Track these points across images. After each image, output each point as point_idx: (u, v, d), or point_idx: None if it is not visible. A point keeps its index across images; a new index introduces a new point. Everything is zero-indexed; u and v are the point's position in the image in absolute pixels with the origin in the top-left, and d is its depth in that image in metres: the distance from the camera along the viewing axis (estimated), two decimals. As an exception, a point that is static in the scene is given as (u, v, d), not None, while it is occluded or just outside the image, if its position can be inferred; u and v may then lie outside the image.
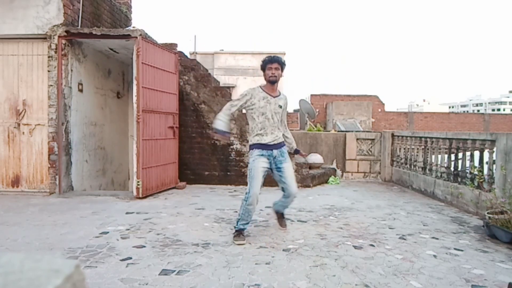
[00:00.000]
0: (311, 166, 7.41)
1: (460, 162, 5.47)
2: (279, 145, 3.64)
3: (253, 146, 3.60)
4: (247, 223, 3.61)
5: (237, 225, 3.59)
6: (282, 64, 3.65)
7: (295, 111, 24.90)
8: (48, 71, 5.61)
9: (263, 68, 3.67)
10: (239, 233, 3.55)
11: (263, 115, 3.57)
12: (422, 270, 2.88)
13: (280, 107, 3.67)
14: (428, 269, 2.90)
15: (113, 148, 7.21)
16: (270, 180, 6.80)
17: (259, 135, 3.58)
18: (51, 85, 5.58)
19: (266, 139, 3.57)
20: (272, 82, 3.64)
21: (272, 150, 3.58)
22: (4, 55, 5.78)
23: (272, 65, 3.60)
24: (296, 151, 3.93)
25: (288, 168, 3.67)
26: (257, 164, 3.51)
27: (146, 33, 6.00)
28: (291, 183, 3.67)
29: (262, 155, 3.55)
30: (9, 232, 3.71)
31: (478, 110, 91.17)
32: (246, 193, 3.52)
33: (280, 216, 4.03)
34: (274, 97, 3.65)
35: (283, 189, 3.75)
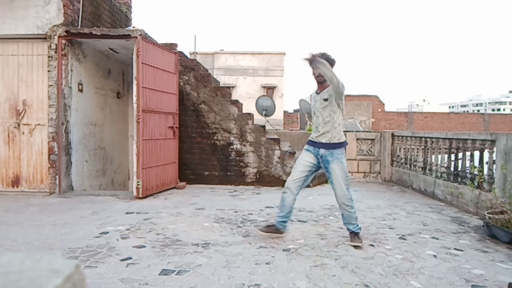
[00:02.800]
0: (311, 166, 7.41)
1: (460, 162, 5.47)
2: (328, 145, 3.48)
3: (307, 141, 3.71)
4: (282, 215, 3.63)
5: (277, 221, 3.68)
6: (329, 62, 3.41)
7: (295, 111, 24.92)
8: (48, 71, 5.61)
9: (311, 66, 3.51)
10: (270, 226, 3.72)
11: (314, 114, 3.63)
12: (422, 270, 2.88)
13: (326, 100, 3.48)
14: (428, 269, 2.90)
15: (113, 148, 7.21)
16: (270, 180, 6.84)
17: (313, 132, 3.66)
18: (51, 85, 5.58)
19: (313, 136, 3.62)
20: (318, 82, 3.57)
21: (319, 148, 3.54)
22: (4, 55, 5.77)
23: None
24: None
25: (334, 170, 3.46)
26: (301, 156, 3.67)
27: (146, 33, 6.00)
28: (335, 186, 3.49)
29: (308, 150, 3.65)
30: (9, 232, 3.71)
31: (478, 110, 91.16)
32: None
33: (352, 236, 3.54)
34: (318, 93, 3.60)
35: None
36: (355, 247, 3.40)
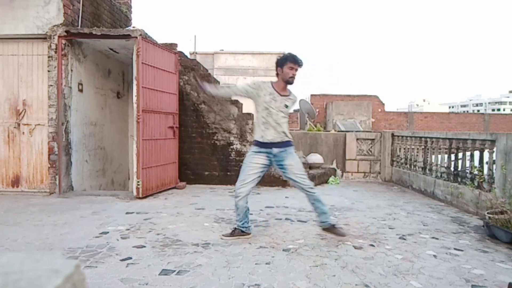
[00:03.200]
0: (311, 166, 7.42)
1: (460, 162, 5.47)
2: (281, 144, 3.52)
3: (254, 142, 3.60)
4: (240, 219, 3.58)
5: (241, 226, 3.61)
6: (301, 67, 3.55)
7: (295, 111, 24.90)
8: (48, 71, 5.61)
9: (282, 64, 3.49)
10: (233, 231, 3.63)
11: (267, 110, 3.49)
12: (422, 270, 2.88)
13: (286, 106, 3.54)
14: (428, 269, 2.90)
15: (113, 148, 7.21)
16: (270, 180, 6.83)
17: (261, 131, 3.52)
18: (51, 85, 5.58)
19: (267, 136, 3.50)
20: (290, 83, 3.54)
21: (271, 148, 3.51)
22: (4, 55, 5.77)
23: (295, 65, 3.49)
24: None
25: (291, 165, 3.51)
26: (249, 160, 3.55)
27: (146, 33, 6.00)
28: (296, 178, 3.52)
29: (259, 151, 3.54)
30: (9, 232, 3.71)
31: (478, 110, 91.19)
32: (235, 190, 3.60)
33: (331, 228, 3.61)
34: (281, 95, 3.54)
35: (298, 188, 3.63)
36: (338, 234, 3.54)
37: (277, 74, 3.55)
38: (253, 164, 3.53)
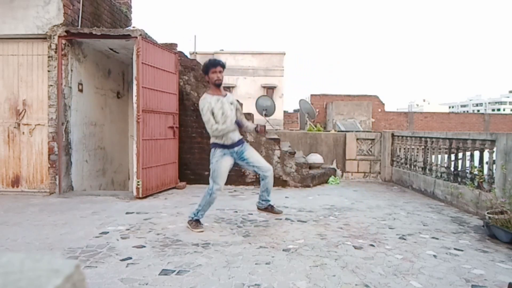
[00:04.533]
0: (311, 166, 7.41)
1: (460, 162, 5.47)
2: (240, 142, 3.87)
3: (216, 146, 3.81)
4: (205, 212, 3.95)
5: (196, 215, 3.86)
6: (224, 67, 3.80)
7: (295, 111, 24.88)
8: (48, 71, 5.61)
9: (207, 72, 3.78)
10: (198, 222, 3.87)
11: (223, 115, 3.73)
12: (422, 270, 2.88)
13: (232, 104, 3.86)
14: (428, 269, 2.90)
15: (113, 148, 7.21)
16: (270, 180, 6.82)
17: (223, 136, 3.77)
18: (51, 85, 5.58)
19: (230, 139, 3.77)
20: (218, 85, 3.81)
21: (233, 147, 3.80)
22: (4, 55, 5.78)
23: (216, 68, 3.74)
24: (255, 130, 3.93)
25: (251, 153, 3.91)
26: (220, 164, 3.79)
27: (146, 33, 6.00)
28: (259, 161, 3.92)
29: (225, 154, 3.79)
30: (9, 232, 3.71)
31: (478, 110, 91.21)
32: (210, 189, 3.84)
33: (270, 208, 4.14)
34: (223, 96, 3.83)
35: (257, 172, 4.00)
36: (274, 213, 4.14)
37: (208, 82, 3.86)
38: (227, 166, 3.84)
